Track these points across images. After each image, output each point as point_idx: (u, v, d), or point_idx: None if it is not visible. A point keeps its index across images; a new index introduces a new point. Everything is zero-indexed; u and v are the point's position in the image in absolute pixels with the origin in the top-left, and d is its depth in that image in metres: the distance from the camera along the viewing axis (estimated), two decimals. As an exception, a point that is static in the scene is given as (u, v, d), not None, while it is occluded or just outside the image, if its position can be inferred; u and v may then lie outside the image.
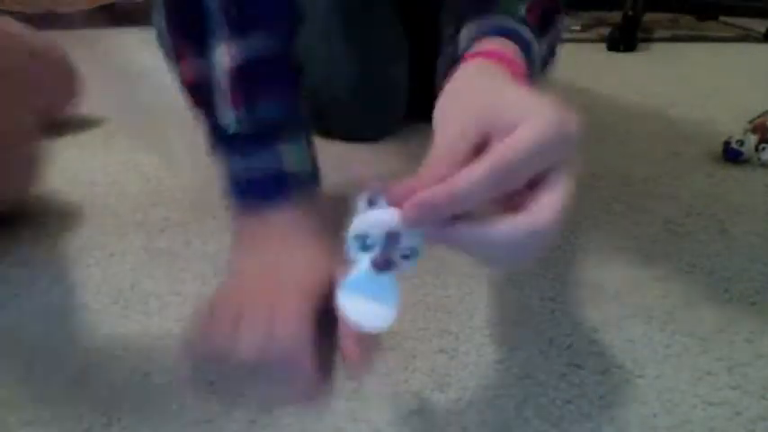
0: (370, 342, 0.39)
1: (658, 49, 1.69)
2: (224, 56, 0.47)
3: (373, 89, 0.85)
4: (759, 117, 0.87)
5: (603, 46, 1.66)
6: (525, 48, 0.44)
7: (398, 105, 0.90)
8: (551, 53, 0.54)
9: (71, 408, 0.38)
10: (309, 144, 0.52)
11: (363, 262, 0.31)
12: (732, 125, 0.90)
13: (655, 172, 0.78)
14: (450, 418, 0.37)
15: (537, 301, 0.49)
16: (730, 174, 0.77)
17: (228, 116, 0.48)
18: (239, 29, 0.47)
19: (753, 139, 0.80)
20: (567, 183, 0.32)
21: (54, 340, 0.44)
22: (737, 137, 0.80)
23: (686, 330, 0.46)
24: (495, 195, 0.31)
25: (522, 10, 0.47)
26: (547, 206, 0.32)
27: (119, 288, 0.51)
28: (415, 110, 0.93)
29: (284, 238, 0.48)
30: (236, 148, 0.49)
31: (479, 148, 0.33)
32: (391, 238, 0.31)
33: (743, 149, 0.80)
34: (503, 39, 0.43)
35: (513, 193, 0.32)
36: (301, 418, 0.37)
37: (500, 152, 0.31)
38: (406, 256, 0.31)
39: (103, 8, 1.63)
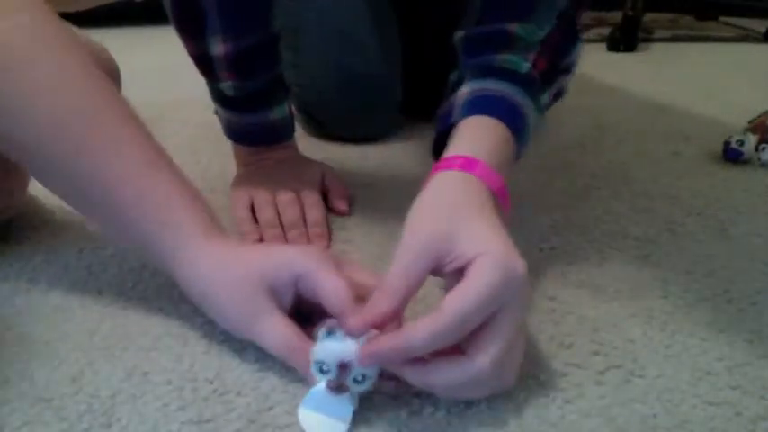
0: None
1: (658, 49, 1.69)
2: (218, 45, 0.59)
3: (362, 89, 0.85)
4: (759, 117, 0.87)
5: (603, 46, 1.66)
6: (516, 124, 0.48)
7: (390, 105, 0.89)
8: (560, 93, 0.57)
9: (71, 408, 0.38)
10: (288, 102, 0.68)
11: (321, 383, 0.37)
12: (732, 125, 0.90)
13: (655, 172, 0.78)
14: (450, 419, 0.37)
15: (537, 301, 0.49)
16: (730, 174, 0.77)
17: (226, 86, 0.62)
18: (231, 25, 0.59)
19: (753, 139, 0.80)
20: (511, 324, 0.36)
21: (54, 340, 0.44)
22: (737, 137, 0.80)
23: (686, 330, 0.46)
24: (446, 345, 0.35)
25: (527, 65, 0.51)
26: (484, 353, 0.35)
27: (119, 288, 0.51)
28: (413, 109, 0.93)
29: (277, 159, 0.67)
30: (233, 107, 0.65)
31: (435, 269, 0.38)
32: (343, 367, 0.36)
33: (743, 149, 0.79)
34: (494, 121, 0.47)
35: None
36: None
37: (449, 309, 0.35)
38: (358, 381, 0.36)
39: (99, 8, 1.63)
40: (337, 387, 0.36)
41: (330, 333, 0.36)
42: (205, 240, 0.44)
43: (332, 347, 0.36)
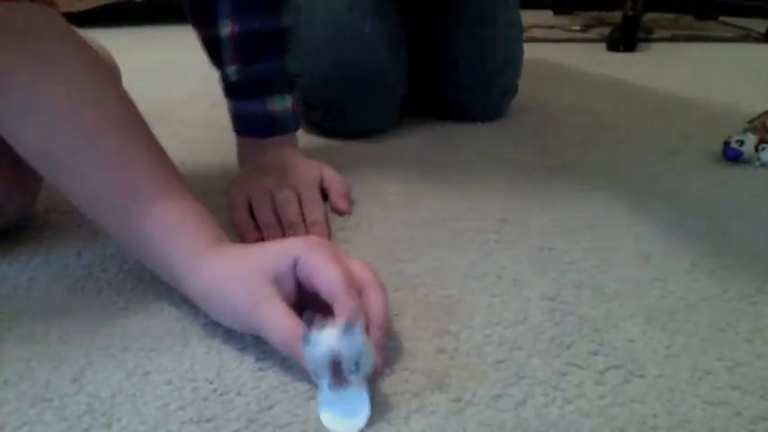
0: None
1: (658, 49, 1.69)
2: (227, 26, 0.64)
3: (367, 82, 0.85)
4: (759, 117, 0.87)
5: (603, 46, 1.66)
6: None
7: (394, 99, 0.90)
8: None
9: (71, 408, 0.38)
10: (292, 94, 0.69)
11: (324, 384, 0.37)
12: (732, 125, 0.90)
13: (655, 172, 0.78)
14: (450, 418, 0.37)
15: (537, 301, 0.49)
16: (730, 174, 0.77)
17: (231, 70, 0.66)
18: (240, 10, 0.63)
19: (753, 139, 0.80)
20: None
21: (54, 340, 0.44)
22: (737, 137, 0.80)
23: (686, 330, 0.46)
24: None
25: None
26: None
27: (119, 288, 0.51)
28: (411, 107, 0.93)
29: (276, 158, 0.67)
30: (236, 94, 0.68)
31: None
32: (334, 365, 0.36)
33: (743, 149, 0.80)
34: None
35: None
36: (301, 417, 0.37)
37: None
38: (355, 369, 0.36)
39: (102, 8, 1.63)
40: (337, 382, 0.36)
41: (306, 340, 0.36)
42: (207, 248, 0.45)
43: (316, 352, 0.36)
